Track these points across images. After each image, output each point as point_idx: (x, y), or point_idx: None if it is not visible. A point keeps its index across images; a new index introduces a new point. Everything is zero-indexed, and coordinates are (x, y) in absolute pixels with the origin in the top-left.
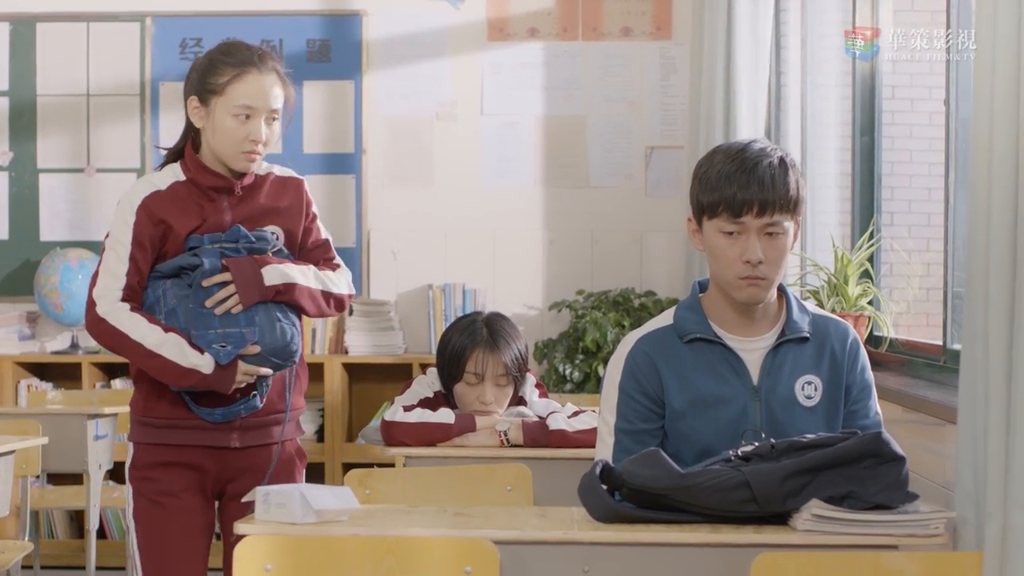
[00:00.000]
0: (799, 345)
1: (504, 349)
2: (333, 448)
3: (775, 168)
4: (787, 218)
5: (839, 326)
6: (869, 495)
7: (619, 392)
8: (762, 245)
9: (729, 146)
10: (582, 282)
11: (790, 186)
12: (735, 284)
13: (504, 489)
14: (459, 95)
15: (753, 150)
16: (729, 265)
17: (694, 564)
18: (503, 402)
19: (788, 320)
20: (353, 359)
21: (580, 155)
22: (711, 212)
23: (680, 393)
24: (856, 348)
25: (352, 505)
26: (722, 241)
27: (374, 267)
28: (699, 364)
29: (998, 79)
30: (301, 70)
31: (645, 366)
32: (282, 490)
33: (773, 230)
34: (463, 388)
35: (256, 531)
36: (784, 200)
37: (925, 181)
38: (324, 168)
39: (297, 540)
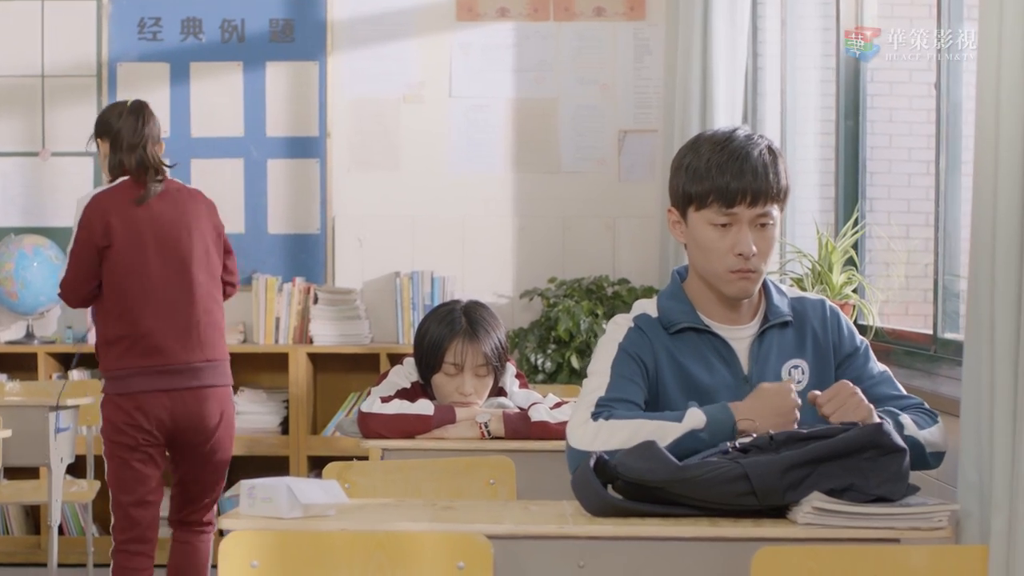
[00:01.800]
0: (782, 330)
1: (484, 339)
2: (298, 441)
3: (765, 156)
4: (776, 207)
5: (814, 304)
6: (870, 487)
7: (618, 350)
8: (753, 237)
9: (713, 134)
10: (554, 270)
11: (780, 175)
12: (725, 278)
13: (487, 482)
14: (427, 77)
15: (740, 139)
16: (720, 258)
17: (692, 558)
18: (483, 393)
19: (769, 305)
20: (318, 349)
21: (551, 139)
22: (700, 202)
23: (674, 380)
24: (836, 318)
25: (340, 499)
26: (712, 233)
27: (339, 254)
28: (690, 354)
29: (1005, 59)
30: (264, 51)
31: (642, 343)
32: (268, 484)
33: (764, 221)
34: (442, 379)
35: (242, 526)
36: (776, 190)
37: (905, 167)
38: (287, 152)
39: (284, 535)
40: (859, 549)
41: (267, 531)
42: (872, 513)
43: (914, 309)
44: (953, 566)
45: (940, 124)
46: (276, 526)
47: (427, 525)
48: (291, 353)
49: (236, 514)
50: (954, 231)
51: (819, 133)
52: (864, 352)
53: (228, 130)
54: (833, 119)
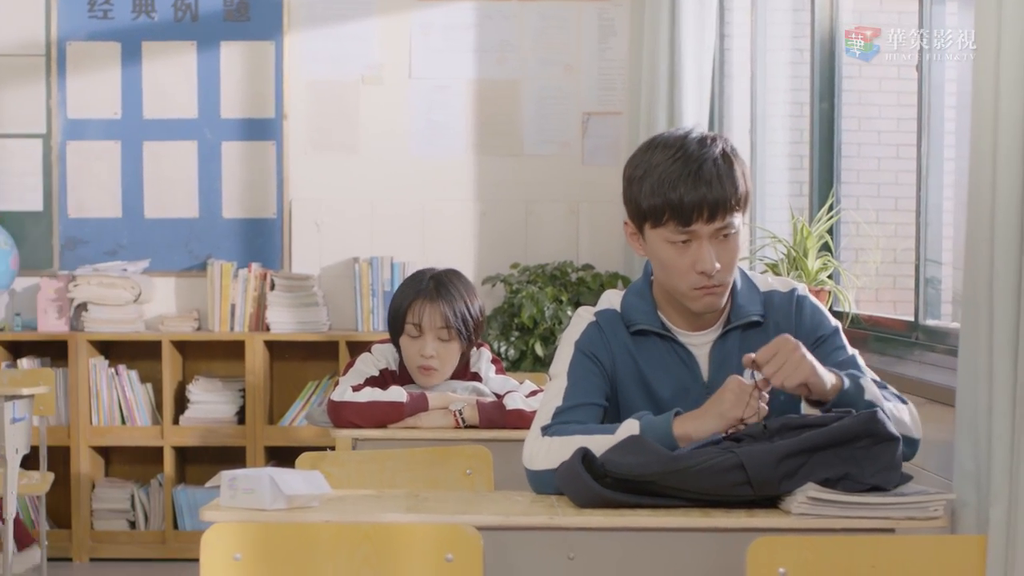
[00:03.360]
0: (747, 330)
1: (445, 301)
2: (255, 431)
3: (720, 164)
4: (737, 216)
5: (782, 297)
6: (865, 476)
7: (575, 350)
8: (716, 250)
9: (665, 140)
10: (516, 255)
11: (738, 181)
12: (689, 295)
13: (464, 472)
14: (386, 57)
15: (692, 143)
16: (682, 276)
17: (684, 550)
18: (446, 359)
19: (733, 306)
20: (275, 336)
21: (514, 121)
22: (655, 220)
23: (633, 384)
24: (799, 307)
25: (324, 490)
26: (670, 251)
27: (296, 239)
28: (649, 358)
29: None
30: (218, 30)
31: (599, 342)
32: (250, 474)
33: (725, 232)
34: (406, 342)
35: (224, 518)
36: (735, 199)
37: (875, 150)
38: (242, 134)
39: (268, 527)
40: (855, 539)
41: (250, 523)
42: (867, 503)
43: (884, 295)
44: (950, 556)
45: (922, 106)
46: (259, 518)
47: (414, 516)
48: (247, 341)
49: (217, 506)
50: (936, 217)
51: (789, 115)
52: (831, 337)
53: (181, 111)
54: (804, 101)
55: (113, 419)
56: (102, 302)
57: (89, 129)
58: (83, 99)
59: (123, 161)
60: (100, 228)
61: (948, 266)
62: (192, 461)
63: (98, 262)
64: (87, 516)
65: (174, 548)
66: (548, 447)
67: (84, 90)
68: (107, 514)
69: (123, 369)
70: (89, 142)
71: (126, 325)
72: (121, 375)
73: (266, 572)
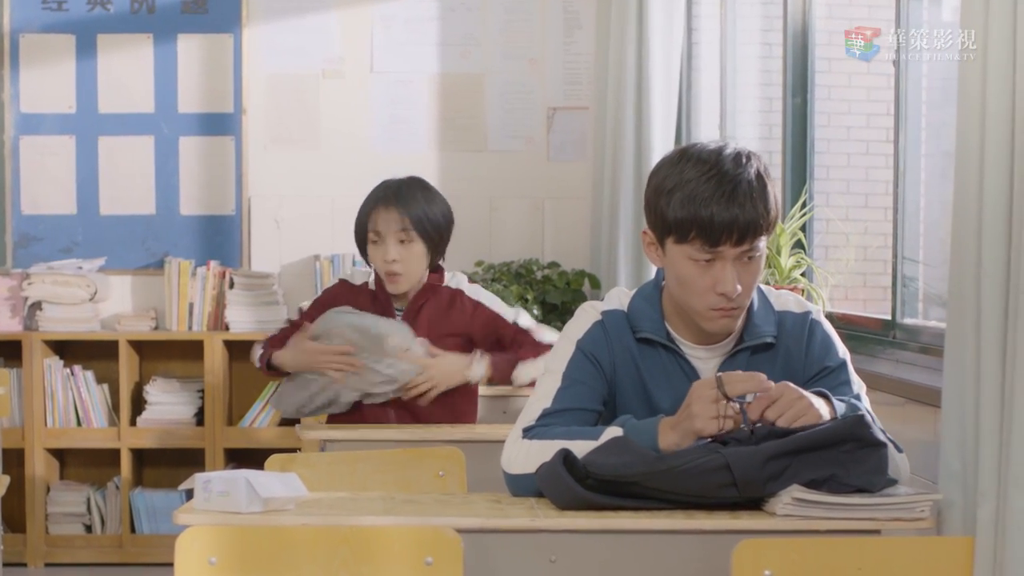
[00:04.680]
0: (757, 352)
1: (403, 205)
2: (213, 432)
3: (754, 186)
4: (764, 239)
5: (796, 319)
6: (851, 478)
7: (575, 350)
8: (738, 271)
9: (699, 154)
10: (480, 252)
11: (770, 204)
12: (706, 315)
13: (436, 474)
14: (347, 51)
15: (728, 161)
16: (700, 296)
17: (668, 552)
18: (411, 263)
19: (748, 325)
20: (234, 336)
21: (477, 116)
22: (680, 236)
23: (633, 392)
24: (811, 334)
25: (300, 492)
26: (692, 269)
27: (255, 236)
28: (653, 368)
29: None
30: (175, 22)
31: (601, 345)
32: (224, 476)
33: (751, 255)
34: (371, 250)
35: (198, 521)
36: (765, 222)
37: (844, 146)
38: (200, 129)
39: (243, 530)
40: (841, 541)
41: (225, 526)
42: (853, 504)
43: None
44: (937, 557)
45: (900, 102)
46: (234, 521)
47: (393, 519)
48: (206, 340)
49: (191, 509)
50: (914, 214)
51: (759, 111)
52: (837, 370)
53: (137, 106)
54: (774, 96)
55: (68, 421)
56: (57, 301)
57: (43, 124)
58: (36, 93)
59: (78, 156)
60: (54, 225)
61: (923, 264)
62: (150, 463)
63: (52, 260)
64: (42, 520)
65: (131, 552)
66: (527, 451)
67: (38, 84)
68: (62, 518)
69: (79, 369)
70: (43, 137)
71: (81, 324)
72: (77, 375)
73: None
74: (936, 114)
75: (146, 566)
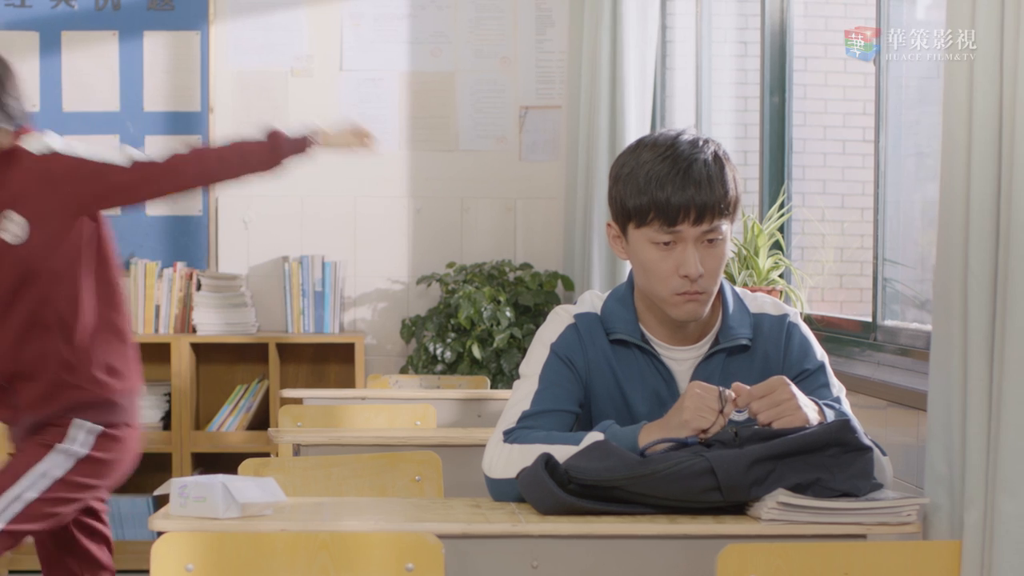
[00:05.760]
0: (734, 354)
1: None
2: (180, 437)
3: (710, 165)
4: (725, 221)
5: (773, 321)
6: (836, 482)
7: (550, 352)
8: (700, 255)
9: (655, 141)
10: (452, 254)
11: (728, 185)
12: (671, 301)
13: (413, 478)
14: (316, 49)
15: (684, 144)
16: (663, 280)
17: (652, 558)
18: None
19: (723, 326)
20: (201, 339)
21: (448, 115)
22: (640, 219)
23: (607, 395)
24: (789, 337)
25: (279, 497)
26: (654, 253)
27: (223, 238)
28: (627, 371)
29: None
30: (141, 19)
31: (575, 347)
32: (201, 482)
33: (712, 236)
34: None
35: (175, 527)
36: (723, 202)
37: (820, 146)
38: (167, 128)
39: (221, 536)
40: (827, 546)
41: (202, 532)
42: (838, 508)
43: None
44: (924, 562)
45: (880, 101)
46: (212, 527)
47: (373, 524)
48: (173, 343)
49: (167, 514)
50: (895, 215)
51: (734, 110)
52: (816, 373)
53: (102, 104)
54: (750, 95)
55: None
56: None
57: None
58: None
59: None
60: None
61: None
62: None
63: None
64: None
65: None
66: (508, 455)
67: None
68: None
69: None
70: None
71: None
72: None
73: None
74: (910, 113)
75: None
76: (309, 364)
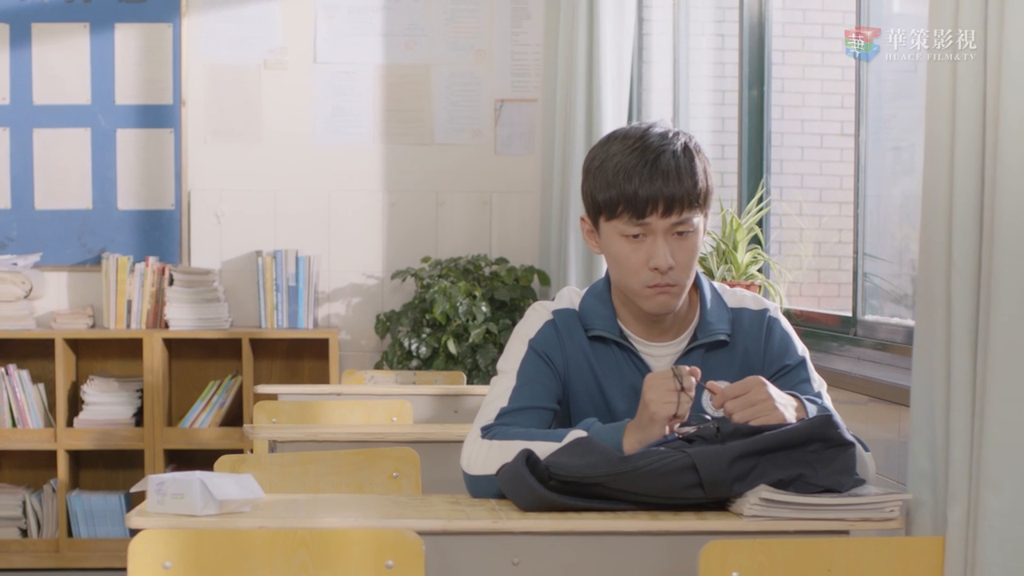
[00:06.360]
0: (713, 350)
1: None
2: (153, 433)
3: (679, 157)
4: (696, 213)
5: (752, 316)
6: (818, 478)
7: (528, 349)
8: (671, 247)
9: (626, 133)
10: (427, 248)
11: (698, 177)
12: (642, 293)
13: (390, 475)
14: (289, 41)
15: (653, 137)
16: (634, 272)
17: (633, 554)
18: None
19: (701, 322)
20: (174, 334)
21: (424, 108)
22: (609, 212)
23: (586, 393)
24: (769, 332)
25: (257, 494)
26: (624, 246)
27: (195, 232)
28: (606, 368)
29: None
30: (112, 11)
31: (554, 343)
32: (178, 479)
33: (682, 229)
34: None
35: (152, 524)
36: (692, 194)
37: (798, 139)
38: (139, 121)
39: (199, 534)
40: (810, 542)
41: (180, 530)
42: (821, 504)
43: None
44: (908, 558)
45: (860, 95)
46: (190, 524)
47: (353, 521)
48: (145, 339)
49: (144, 512)
50: (875, 210)
51: (712, 103)
52: (797, 368)
53: (73, 97)
54: (727, 88)
55: (3, 421)
56: None
57: None
58: None
59: (12, 149)
60: None
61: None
62: (87, 465)
63: None
64: None
65: (68, 557)
66: (488, 451)
67: None
68: None
69: (13, 369)
70: None
71: (16, 322)
72: (11, 375)
73: None
74: (888, 107)
75: (84, 571)
76: (283, 360)
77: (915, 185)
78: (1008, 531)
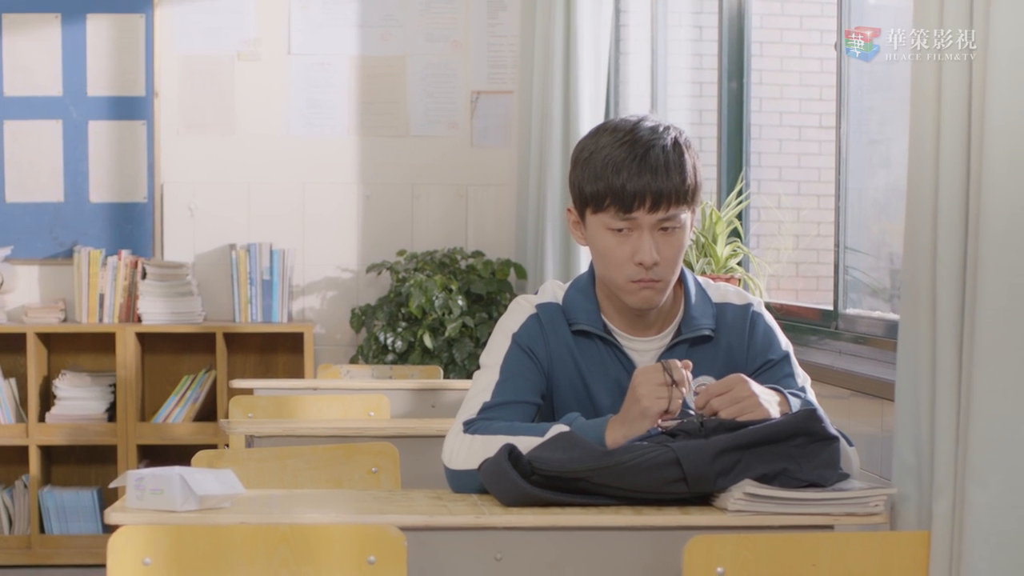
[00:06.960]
0: (697, 345)
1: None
2: (126, 428)
3: (669, 152)
4: (684, 210)
5: (736, 311)
6: (803, 472)
7: (512, 342)
8: (656, 243)
9: (616, 126)
10: (402, 241)
11: (687, 173)
12: (626, 288)
13: (369, 470)
14: (263, 32)
15: (643, 131)
16: (618, 267)
17: (617, 550)
18: None
19: (685, 317)
20: (147, 328)
21: (399, 100)
22: (596, 205)
23: (570, 387)
24: (752, 327)
25: (237, 490)
26: (610, 239)
27: (168, 225)
28: (590, 362)
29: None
30: (84, 2)
31: (537, 338)
32: (158, 474)
33: (669, 224)
34: None
35: (131, 520)
36: (681, 190)
37: (777, 132)
38: (111, 113)
39: (179, 529)
40: (794, 537)
41: (159, 525)
42: (805, 499)
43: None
44: (893, 552)
45: (841, 85)
46: (169, 520)
47: (334, 516)
48: (118, 333)
49: (123, 507)
50: (856, 203)
51: (689, 95)
52: (781, 363)
53: (45, 89)
54: (705, 80)
55: None
56: None
57: None
58: None
59: None
60: None
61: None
62: (59, 461)
63: None
64: None
65: (40, 554)
66: (470, 445)
67: None
68: None
69: None
70: None
71: None
72: None
73: None
74: (865, 100)
75: (56, 567)
76: (257, 354)
77: (892, 178)
78: (994, 525)
